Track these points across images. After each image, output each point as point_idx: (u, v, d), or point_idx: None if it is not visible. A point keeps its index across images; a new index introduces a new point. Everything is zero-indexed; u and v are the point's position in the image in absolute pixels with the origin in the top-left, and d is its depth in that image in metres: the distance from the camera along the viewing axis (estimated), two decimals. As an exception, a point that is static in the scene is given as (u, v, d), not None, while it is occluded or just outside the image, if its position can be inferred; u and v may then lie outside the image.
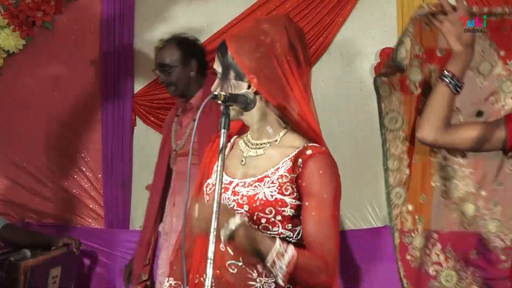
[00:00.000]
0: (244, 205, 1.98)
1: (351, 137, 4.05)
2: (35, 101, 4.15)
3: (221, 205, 1.80)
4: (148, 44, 4.13)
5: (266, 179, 1.99)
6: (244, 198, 1.98)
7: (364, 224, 4.04)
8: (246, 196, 1.98)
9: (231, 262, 1.99)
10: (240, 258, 1.98)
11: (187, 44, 3.55)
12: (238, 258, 1.98)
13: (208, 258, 1.78)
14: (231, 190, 2.02)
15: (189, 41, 3.58)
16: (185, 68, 3.49)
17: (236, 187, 2.01)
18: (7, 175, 4.15)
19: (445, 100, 2.23)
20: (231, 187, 2.02)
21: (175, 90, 3.51)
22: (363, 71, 3.99)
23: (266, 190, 1.97)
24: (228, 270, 1.99)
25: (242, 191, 2.00)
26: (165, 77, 3.50)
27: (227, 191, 2.02)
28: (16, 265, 3.43)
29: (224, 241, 1.83)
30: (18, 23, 4.03)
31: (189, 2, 4.14)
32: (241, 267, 1.98)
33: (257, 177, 2.01)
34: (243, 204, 1.98)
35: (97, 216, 4.15)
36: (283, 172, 1.99)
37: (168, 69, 3.48)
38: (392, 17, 3.99)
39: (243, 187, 2.00)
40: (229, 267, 1.99)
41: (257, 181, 2.00)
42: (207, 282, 1.77)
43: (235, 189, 2.01)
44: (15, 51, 4.07)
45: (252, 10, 4.02)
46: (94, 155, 4.15)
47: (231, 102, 1.90)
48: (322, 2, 4.00)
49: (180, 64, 3.49)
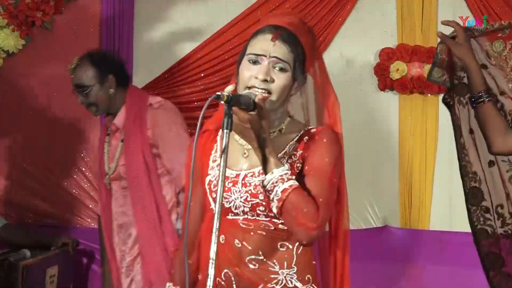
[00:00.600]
0: (258, 194, 1.97)
1: (350, 137, 4.02)
2: (35, 101, 4.15)
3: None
4: (148, 44, 4.13)
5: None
6: (257, 188, 1.96)
7: (364, 224, 4.04)
8: (259, 185, 1.96)
9: (251, 258, 1.98)
10: (260, 252, 1.97)
11: (101, 59, 3.36)
12: (257, 252, 1.98)
13: (210, 258, 1.77)
14: (240, 182, 1.99)
15: (103, 56, 3.40)
16: (103, 86, 3.29)
17: (245, 179, 1.99)
18: (6, 175, 4.14)
19: (494, 111, 2.27)
20: (240, 179, 2.00)
21: (97, 110, 3.34)
22: (363, 71, 3.99)
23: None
24: (248, 266, 1.98)
25: (253, 181, 1.98)
26: (84, 98, 3.31)
27: (236, 184, 2.00)
28: (15, 265, 3.42)
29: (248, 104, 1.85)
30: (17, 23, 4.03)
31: (188, 2, 4.14)
32: (262, 261, 1.98)
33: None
34: (258, 193, 1.97)
35: (96, 216, 4.14)
36: (290, 152, 2.00)
37: (85, 89, 3.29)
38: (392, 17, 4.00)
39: (254, 177, 1.99)
40: (249, 263, 1.98)
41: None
42: (208, 282, 1.76)
43: (245, 181, 1.99)
44: (14, 51, 4.06)
45: (252, 10, 4.02)
46: (93, 155, 4.14)
47: (234, 102, 1.87)
48: (321, 2, 4.00)
49: (96, 82, 3.29)
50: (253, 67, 1.97)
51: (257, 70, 1.96)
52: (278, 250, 1.99)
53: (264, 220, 1.98)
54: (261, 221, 1.98)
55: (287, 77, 1.98)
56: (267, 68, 1.95)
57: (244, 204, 1.98)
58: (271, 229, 1.99)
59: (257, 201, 1.97)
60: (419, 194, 3.98)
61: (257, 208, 1.98)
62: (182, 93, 4.07)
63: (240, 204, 1.99)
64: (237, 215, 2.00)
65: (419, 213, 4.01)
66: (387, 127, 4.06)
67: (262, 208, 1.97)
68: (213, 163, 2.07)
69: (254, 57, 1.97)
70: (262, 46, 1.97)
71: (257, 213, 1.98)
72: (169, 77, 4.09)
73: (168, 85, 4.09)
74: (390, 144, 4.03)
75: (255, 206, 1.98)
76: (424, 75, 3.89)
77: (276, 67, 1.97)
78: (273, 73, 1.96)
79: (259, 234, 1.98)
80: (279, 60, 1.97)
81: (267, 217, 1.98)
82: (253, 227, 1.99)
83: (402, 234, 4.05)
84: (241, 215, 2.00)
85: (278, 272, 1.99)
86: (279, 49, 1.97)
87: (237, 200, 1.99)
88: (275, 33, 1.98)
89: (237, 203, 1.99)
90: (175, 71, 4.08)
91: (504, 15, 3.86)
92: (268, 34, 1.98)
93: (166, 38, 4.14)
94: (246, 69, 1.98)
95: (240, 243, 1.98)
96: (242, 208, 1.99)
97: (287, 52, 1.97)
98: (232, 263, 1.99)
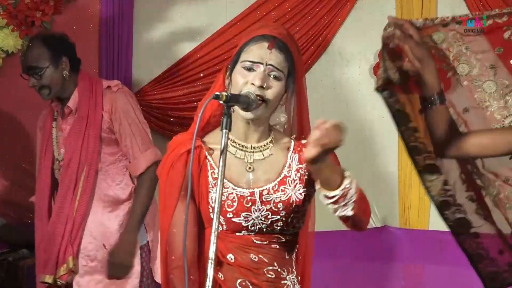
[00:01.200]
0: (280, 211, 2.00)
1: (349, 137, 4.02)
2: (34, 101, 4.12)
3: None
4: (148, 44, 4.13)
5: (288, 179, 2.02)
6: (279, 205, 2.00)
7: (364, 224, 4.03)
8: (280, 202, 1.99)
9: (268, 269, 2.02)
10: (275, 263, 2.02)
11: (55, 40, 3.26)
12: (273, 263, 2.02)
13: (210, 258, 1.77)
14: (258, 200, 2.00)
15: (56, 37, 3.30)
16: (57, 68, 3.20)
17: (262, 197, 2.00)
18: (6, 175, 4.13)
19: (448, 114, 2.22)
20: (257, 198, 2.00)
21: (49, 94, 3.22)
22: (362, 71, 3.99)
23: (295, 190, 2.00)
24: (266, 276, 2.02)
25: (272, 198, 2.00)
26: (36, 81, 3.19)
27: (254, 204, 1.99)
28: (15, 265, 3.42)
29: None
30: (17, 23, 4.02)
31: (188, 2, 4.13)
32: (277, 271, 2.03)
33: (277, 179, 2.02)
34: (280, 210, 2.00)
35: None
36: (296, 166, 2.03)
37: (38, 71, 3.18)
38: (392, 17, 3.99)
39: (270, 194, 2.00)
40: (267, 273, 2.02)
41: (281, 183, 2.01)
42: (208, 282, 1.77)
43: (263, 199, 2.00)
44: (14, 51, 4.06)
45: (251, 10, 4.02)
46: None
47: (233, 102, 1.88)
48: (321, 2, 4.00)
49: (51, 63, 3.19)
50: (248, 74, 1.97)
51: (253, 76, 1.96)
52: (285, 259, 2.05)
53: (277, 234, 2.02)
54: (274, 235, 2.02)
55: (281, 86, 2.00)
56: (263, 75, 1.96)
57: (263, 222, 2.00)
58: (282, 242, 2.03)
59: (277, 217, 2.00)
60: (419, 194, 3.98)
61: (275, 224, 2.01)
62: (182, 93, 4.07)
63: (259, 222, 2.00)
64: (251, 232, 2.02)
65: (419, 213, 4.01)
66: (387, 127, 4.06)
67: (280, 224, 2.01)
68: (214, 180, 2.01)
69: (249, 64, 1.98)
70: (259, 53, 1.97)
71: (273, 228, 2.01)
72: (169, 77, 4.09)
73: (168, 85, 4.09)
74: (390, 144, 4.03)
75: (273, 222, 2.01)
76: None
77: (271, 75, 1.98)
78: (269, 81, 1.97)
79: (273, 248, 2.02)
80: (274, 68, 1.98)
81: (281, 230, 2.02)
82: (267, 242, 2.02)
83: (402, 234, 4.05)
84: (256, 231, 2.02)
85: (286, 278, 2.05)
86: (275, 58, 1.98)
87: (257, 219, 2.00)
88: (272, 42, 1.98)
89: (256, 222, 2.00)
90: (174, 71, 4.08)
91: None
92: (264, 43, 1.99)
93: (166, 38, 4.13)
94: (240, 75, 1.98)
95: (257, 257, 2.01)
96: (260, 226, 2.01)
97: (283, 61, 1.99)
98: (248, 275, 2.01)
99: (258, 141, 2.04)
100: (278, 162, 2.03)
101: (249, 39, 2.01)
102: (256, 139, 2.04)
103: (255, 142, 2.04)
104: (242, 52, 2.01)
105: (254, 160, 2.03)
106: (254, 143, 2.04)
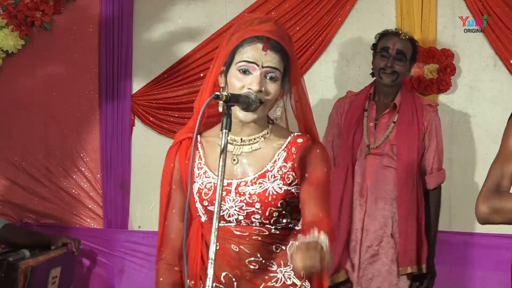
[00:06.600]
0: (255, 203, 1.99)
1: (350, 137, 4.04)
2: (34, 101, 4.15)
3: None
4: (147, 44, 4.13)
5: (268, 174, 2.01)
6: (253, 197, 1.99)
7: (364, 224, 4.03)
8: (254, 194, 1.99)
9: (250, 260, 2.01)
10: (258, 254, 2.01)
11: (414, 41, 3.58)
12: (256, 255, 2.01)
13: (209, 258, 1.78)
14: (233, 191, 2.01)
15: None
16: (410, 69, 3.57)
17: (238, 188, 2.02)
18: (6, 175, 4.14)
19: None
20: (233, 188, 2.02)
21: (395, 80, 3.50)
22: (362, 71, 3.99)
23: (273, 184, 2.00)
24: (249, 267, 2.01)
25: (247, 190, 2.00)
26: (396, 65, 3.49)
27: (229, 194, 2.01)
28: (14, 265, 3.42)
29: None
30: (17, 23, 4.03)
31: (187, 3, 4.14)
32: (261, 262, 2.02)
33: (258, 173, 2.02)
34: (254, 202, 1.99)
35: (96, 216, 4.14)
36: (281, 163, 2.02)
37: (405, 59, 3.50)
38: (391, 17, 4.00)
39: (247, 186, 2.01)
40: (249, 264, 2.01)
41: (260, 177, 2.01)
42: (208, 282, 1.78)
43: (239, 190, 2.01)
44: (14, 51, 4.06)
45: (251, 10, 4.02)
46: (93, 155, 4.14)
47: (233, 102, 1.89)
48: (321, 2, 4.00)
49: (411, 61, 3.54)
50: (244, 77, 1.97)
51: (250, 80, 1.96)
52: (273, 252, 2.03)
53: (257, 227, 2.02)
54: (255, 227, 2.02)
55: (278, 86, 2.00)
56: (260, 79, 1.96)
57: (239, 213, 2.01)
58: (265, 234, 2.02)
59: (252, 209, 2.00)
60: (418, 194, 3.97)
61: (252, 216, 2.01)
62: (182, 93, 4.07)
63: (234, 213, 2.01)
64: (229, 222, 2.02)
65: (419, 213, 4.00)
66: (387, 127, 4.06)
67: (257, 216, 2.00)
68: (199, 170, 2.06)
69: (245, 64, 1.97)
70: (253, 54, 1.97)
71: (251, 220, 2.01)
72: (169, 77, 4.09)
73: (168, 85, 4.09)
74: (390, 144, 4.02)
75: (250, 215, 2.01)
76: (424, 75, 3.90)
77: (268, 77, 1.98)
78: (266, 83, 1.97)
79: (255, 239, 2.02)
80: (271, 70, 1.98)
81: (261, 223, 2.01)
82: (247, 233, 2.02)
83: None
84: (234, 222, 2.02)
85: (277, 271, 2.03)
86: (271, 59, 1.97)
87: (231, 209, 2.01)
88: (266, 43, 1.98)
89: (231, 212, 2.01)
90: (174, 71, 4.08)
91: (504, 15, 3.86)
92: (259, 44, 1.98)
93: (166, 38, 4.14)
94: (237, 79, 1.98)
95: (238, 248, 2.01)
96: (236, 217, 2.02)
97: (279, 61, 1.99)
98: (232, 266, 2.02)
99: (249, 135, 2.05)
100: (265, 157, 2.03)
101: (242, 40, 2.00)
102: (248, 133, 2.05)
103: (245, 136, 2.05)
104: (236, 53, 2.00)
105: (242, 152, 2.05)
106: (245, 137, 2.05)
